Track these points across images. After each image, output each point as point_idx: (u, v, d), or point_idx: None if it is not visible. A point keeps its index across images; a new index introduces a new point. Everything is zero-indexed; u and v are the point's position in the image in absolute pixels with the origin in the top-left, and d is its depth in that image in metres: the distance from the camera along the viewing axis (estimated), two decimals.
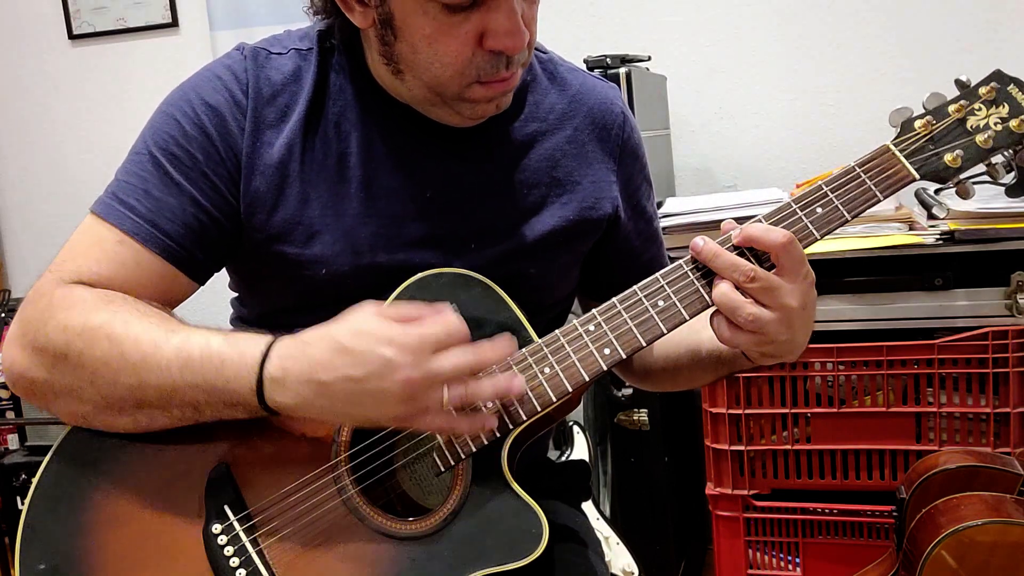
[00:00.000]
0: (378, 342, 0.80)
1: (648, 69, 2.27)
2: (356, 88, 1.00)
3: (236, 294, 1.12)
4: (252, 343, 0.85)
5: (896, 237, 1.72)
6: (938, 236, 1.70)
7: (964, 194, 0.92)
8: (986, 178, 0.94)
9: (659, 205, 1.22)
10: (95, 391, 0.87)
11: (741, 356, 0.97)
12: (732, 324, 0.87)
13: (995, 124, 0.90)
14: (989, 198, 1.66)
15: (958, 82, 0.92)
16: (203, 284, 0.99)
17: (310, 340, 0.84)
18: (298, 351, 0.83)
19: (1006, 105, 0.90)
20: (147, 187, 0.94)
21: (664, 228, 1.23)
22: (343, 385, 0.81)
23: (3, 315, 2.40)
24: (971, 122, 0.90)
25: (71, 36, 2.95)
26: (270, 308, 1.05)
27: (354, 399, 0.81)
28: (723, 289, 0.87)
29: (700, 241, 0.89)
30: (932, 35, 2.32)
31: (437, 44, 0.89)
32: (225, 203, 0.96)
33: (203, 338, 0.86)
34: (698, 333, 1.01)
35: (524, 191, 1.03)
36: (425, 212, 0.99)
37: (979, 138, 0.89)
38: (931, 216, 1.73)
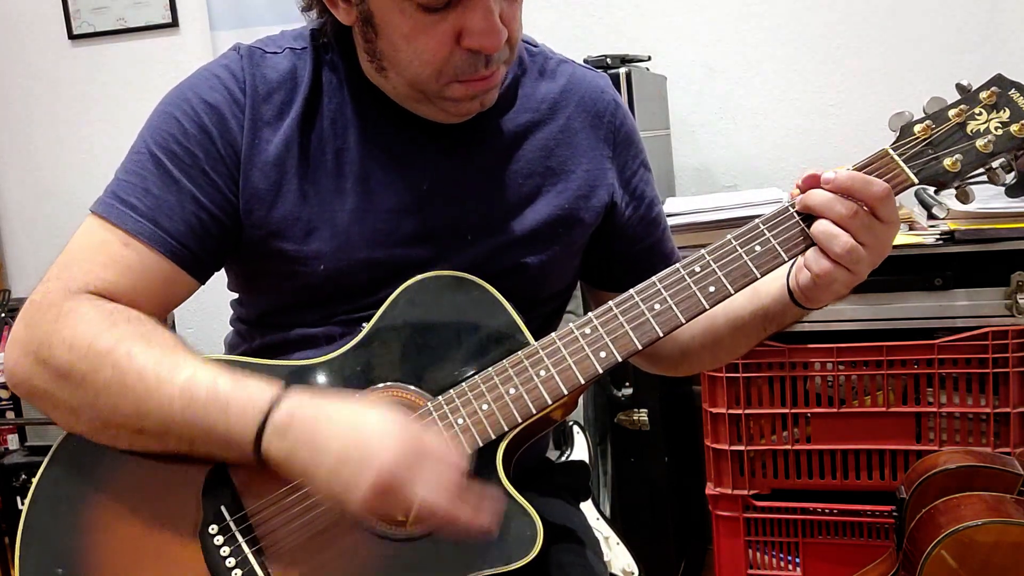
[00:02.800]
0: (381, 436, 0.82)
1: (648, 69, 2.27)
2: (351, 85, 1.00)
3: (236, 295, 1.12)
4: (263, 387, 0.86)
5: (896, 237, 1.72)
6: (938, 236, 1.70)
7: (964, 199, 0.91)
8: (984, 179, 0.94)
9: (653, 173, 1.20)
10: (94, 413, 0.88)
11: (791, 307, 0.97)
12: (826, 255, 0.88)
13: (995, 129, 0.89)
14: (989, 198, 1.66)
15: (959, 86, 0.91)
16: (204, 283, 1.00)
17: (328, 404, 0.85)
18: (311, 410, 0.85)
19: (1007, 110, 0.89)
20: (147, 185, 0.94)
21: None
22: (329, 457, 0.82)
23: (3, 315, 2.40)
24: (971, 126, 0.89)
25: (71, 36, 2.95)
26: (270, 307, 1.05)
27: (332, 476, 0.82)
28: (820, 222, 0.88)
29: (801, 192, 0.90)
30: (932, 35, 2.32)
31: (415, 42, 0.90)
32: (224, 200, 0.96)
33: (210, 378, 0.86)
34: (734, 301, 0.99)
35: (519, 182, 1.03)
36: (422, 206, 1.00)
37: (979, 143, 0.89)
38: (931, 216, 1.72)
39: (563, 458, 2.07)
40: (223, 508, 0.89)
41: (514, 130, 1.04)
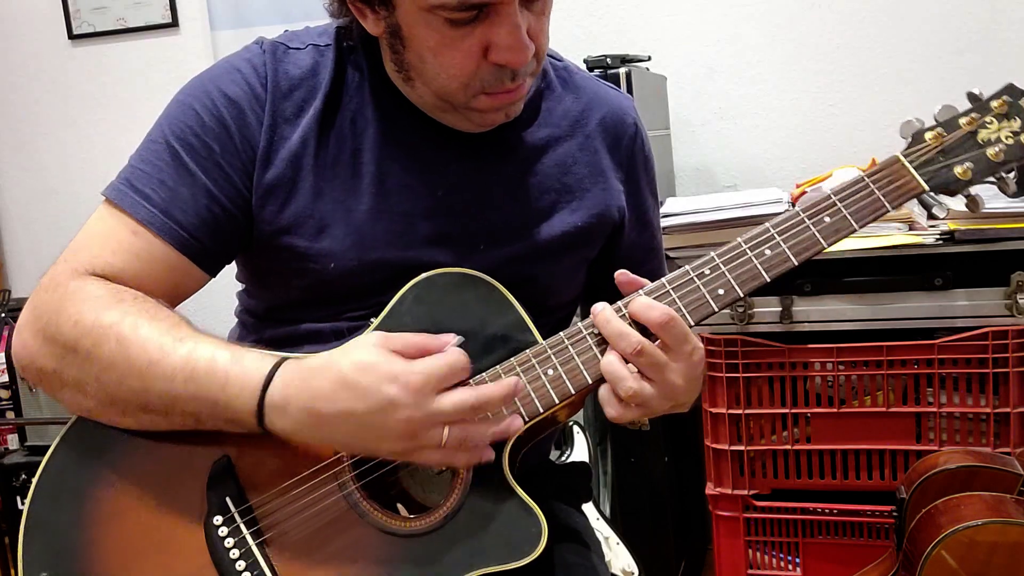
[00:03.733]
0: (381, 379, 0.81)
1: (648, 69, 2.27)
2: (373, 86, 1.00)
3: (243, 286, 1.12)
4: (257, 364, 0.86)
5: (896, 237, 1.72)
6: (938, 236, 1.70)
7: (974, 206, 0.91)
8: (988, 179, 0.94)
9: (659, 205, 1.22)
10: (100, 388, 0.88)
11: None
12: (617, 397, 0.87)
13: (1006, 137, 0.89)
14: (989, 198, 1.64)
15: (970, 95, 0.92)
16: (214, 276, 1.00)
17: (314, 368, 0.84)
18: (301, 379, 0.84)
19: (1018, 119, 0.89)
20: (162, 176, 0.94)
21: (664, 228, 1.23)
22: (343, 418, 0.82)
23: (3, 315, 2.40)
24: (982, 135, 0.90)
25: (71, 36, 2.95)
26: (278, 302, 1.05)
27: (353, 432, 0.83)
28: (611, 359, 0.87)
29: (599, 306, 0.89)
30: (932, 35, 2.32)
31: (442, 56, 0.90)
32: (238, 195, 0.96)
33: (210, 351, 0.86)
34: None
35: (535, 195, 1.03)
36: (436, 211, 1.00)
37: (990, 151, 0.89)
38: (931, 216, 1.71)
39: (563, 458, 2.07)
40: (228, 500, 0.89)
41: (534, 144, 1.04)
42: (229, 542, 0.88)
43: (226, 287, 1.12)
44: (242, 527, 0.89)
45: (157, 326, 0.87)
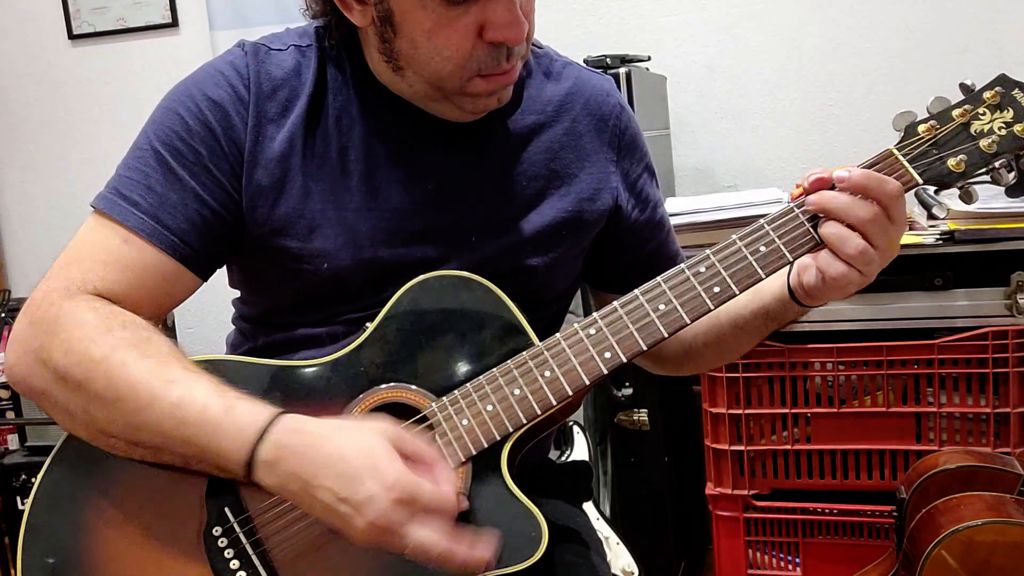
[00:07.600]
0: (372, 473, 0.80)
1: (648, 69, 2.27)
2: (356, 83, 1.00)
3: (238, 294, 1.12)
4: (251, 416, 0.84)
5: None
6: (938, 236, 1.70)
7: (968, 199, 0.91)
8: (987, 179, 0.93)
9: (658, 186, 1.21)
10: (90, 419, 0.88)
11: (791, 305, 0.96)
12: (838, 257, 0.87)
13: (999, 129, 0.89)
14: (989, 198, 1.66)
15: (963, 86, 0.91)
16: (206, 280, 0.99)
17: (314, 434, 0.83)
18: (298, 442, 0.83)
19: (1010, 110, 0.89)
20: (150, 182, 0.94)
21: None
22: (324, 494, 0.81)
23: (3, 315, 2.40)
24: (975, 126, 0.89)
25: (71, 36, 2.95)
26: (272, 306, 1.05)
27: (328, 511, 0.81)
28: (832, 225, 0.87)
29: (812, 197, 0.89)
30: (932, 35, 2.33)
31: (437, 38, 0.90)
32: (228, 197, 0.96)
33: (202, 398, 0.84)
34: (736, 300, 0.98)
35: (523, 184, 1.03)
36: (426, 205, 1.00)
37: (983, 143, 0.89)
38: (931, 216, 1.71)
39: (563, 458, 2.07)
40: (227, 510, 0.89)
41: (519, 132, 1.04)
42: (229, 552, 0.88)
43: (225, 289, 1.12)
44: (241, 537, 0.89)
45: (146, 364, 0.86)
